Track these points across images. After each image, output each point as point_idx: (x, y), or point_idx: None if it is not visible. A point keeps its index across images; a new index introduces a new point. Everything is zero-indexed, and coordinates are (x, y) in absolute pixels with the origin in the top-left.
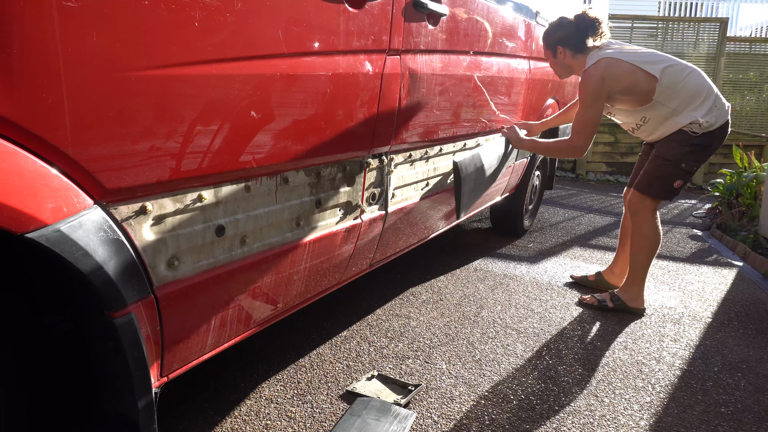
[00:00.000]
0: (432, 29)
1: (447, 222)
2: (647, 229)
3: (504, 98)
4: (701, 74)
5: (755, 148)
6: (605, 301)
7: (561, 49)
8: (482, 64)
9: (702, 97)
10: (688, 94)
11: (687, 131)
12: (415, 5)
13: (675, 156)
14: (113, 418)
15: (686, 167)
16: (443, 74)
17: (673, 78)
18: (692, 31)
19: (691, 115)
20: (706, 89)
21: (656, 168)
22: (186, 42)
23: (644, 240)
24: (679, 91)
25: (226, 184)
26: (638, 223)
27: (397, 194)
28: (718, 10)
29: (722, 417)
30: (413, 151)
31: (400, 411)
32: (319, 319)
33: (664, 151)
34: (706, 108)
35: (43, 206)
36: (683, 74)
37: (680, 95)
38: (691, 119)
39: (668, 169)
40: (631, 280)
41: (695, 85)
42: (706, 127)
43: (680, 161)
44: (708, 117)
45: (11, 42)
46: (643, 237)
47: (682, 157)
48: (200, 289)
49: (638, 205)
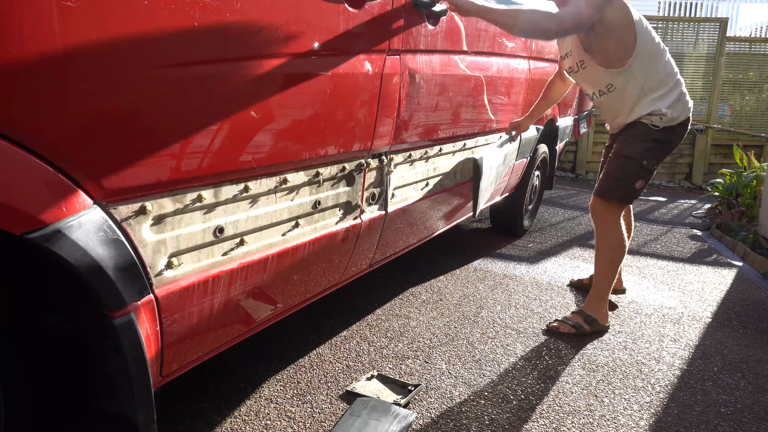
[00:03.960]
0: (432, 29)
1: (447, 222)
2: (614, 238)
3: (504, 98)
4: (673, 64)
5: (755, 148)
6: (581, 326)
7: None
8: (482, 64)
9: (669, 86)
10: (658, 76)
11: (647, 124)
12: (415, 5)
13: (636, 153)
14: (113, 418)
15: (648, 165)
16: (443, 74)
17: (650, 51)
18: (692, 31)
19: (654, 104)
20: (674, 80)
21: (617, 167)
22: (186, 42)
23: (612, 250)
24: (650, 69)
25: (226, 184)
26: (604, 232)
27: (397, 194)
28: (718, 10)
29: (722, 417)
30: (413, 151)
31: (400, 411)
32: (319, 319)
33: (624, 147)
34: (670, 99)
35: (42, 206)
36: (660, 55)
37: (650, 74)
38: (653, 108)
39: (630, 167)
40: (598, 295)
41: (666, 71)
42: (668, 120)
43: (642, 158)
44: (671, 109)
45: (11, 42)
46: (611, 247)
47: (644, 154)
48: (200, 289)
49: (602, 211)
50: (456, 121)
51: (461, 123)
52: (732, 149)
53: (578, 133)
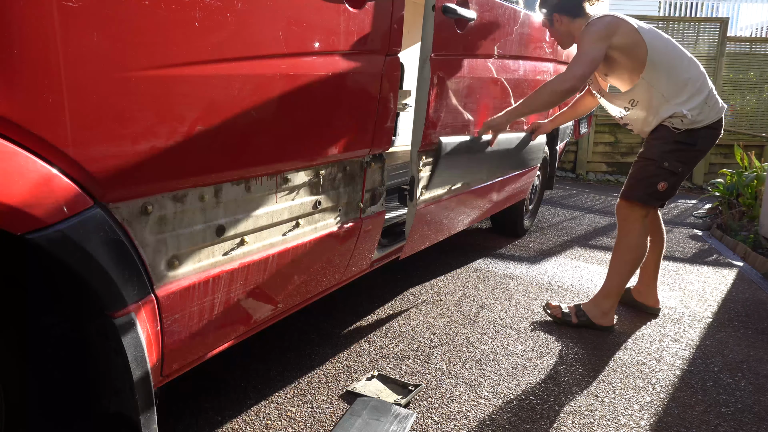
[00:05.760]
0: (457, 33)
1: (464, 223)
2: (633, 240)
3: (517, 99)
4: (698, 66)
5: (755, 148)
6: (569, 315)
7: (558, 17)
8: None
9: (694, 89)
10: (678, 81)
11: (668, 126)
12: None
13: (656, 154)
14: (113, 417)
15: (669, 166)
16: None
17: (664, 59)
18: (692, 31)
19: (676, 107)
20: (699, 83)
21: (639, 169)
22: (186, 42)
23: (629, 252)
24: (669, 75)
25: (226, 184)
26: (624, 233)
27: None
28: (719, 10)
29: (722, 417)
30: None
31: (400, 411)
32: (319, 319)
33: (646, 150)
34: (694, 102)
35: (43, 206)
36: (677, 60)
37: (670, 80)
38: (674, 111)
39: (651, 169)
40: (605, 292)
41: (688, 76)
42: (689, 122)
43: (662, 159)
44: (694, 111)
45: (11, 42)
46: (628, 248)
47: (664, 155)
48: (201, 289)
49: (625, 211)
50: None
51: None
52: (733, 149)
53: (579, 133)
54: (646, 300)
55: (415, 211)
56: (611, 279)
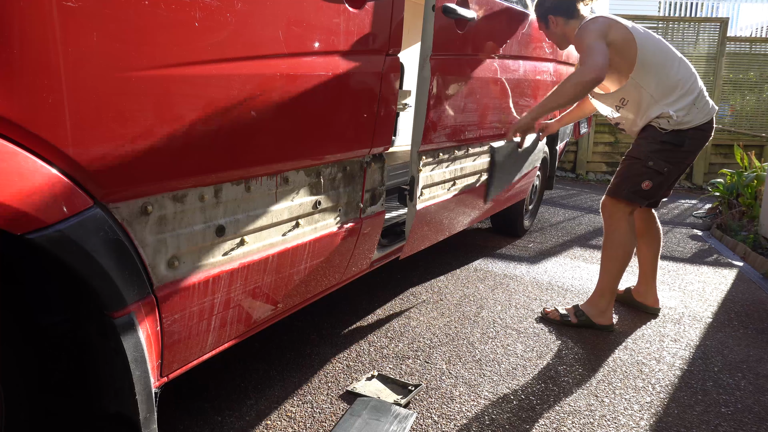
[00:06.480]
0: (457, 33)
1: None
2: (619, 237)
3: (517, 100)
4: (689, 68)
5: (755, 148)
6: (568, 316)
7: (553, 18)
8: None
9: (683, 90)
10: (669, 82)
11: (655, 126)
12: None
13: (642, 153)
14: (113, 417)
15: (654, 166)
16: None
17: (654, 60)
18: (692, 31)
19: (663, 107)
20: (689, 85)
21: (625, 168)
22: (186, 42)
23: (616, 248)
24: (658, 76)
25: (226, 184)
26: (610, 230)
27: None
28: (719, 10)
29: (722, 417)
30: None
31: (400, 411)
32: (319, 319)
33: (633, 149)
34: (683, 103)
35: (43, 206)
36: (668, 61)
37: (660, 81)
38: (661, 111)
39: (636, 167)
40: (599, 291)
41: (678, 77)
42: (675, 123)
43: (648, 159)
44: (681, 113)
45: (11, 42)
46: (615, 245)
47: (650, 155)
48: (200, 289)
49: (610, 208)
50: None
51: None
52: (732, 149)
53: (578, 133)
54: (645, 300)
55: (415, 211)
56: (603, 277)
